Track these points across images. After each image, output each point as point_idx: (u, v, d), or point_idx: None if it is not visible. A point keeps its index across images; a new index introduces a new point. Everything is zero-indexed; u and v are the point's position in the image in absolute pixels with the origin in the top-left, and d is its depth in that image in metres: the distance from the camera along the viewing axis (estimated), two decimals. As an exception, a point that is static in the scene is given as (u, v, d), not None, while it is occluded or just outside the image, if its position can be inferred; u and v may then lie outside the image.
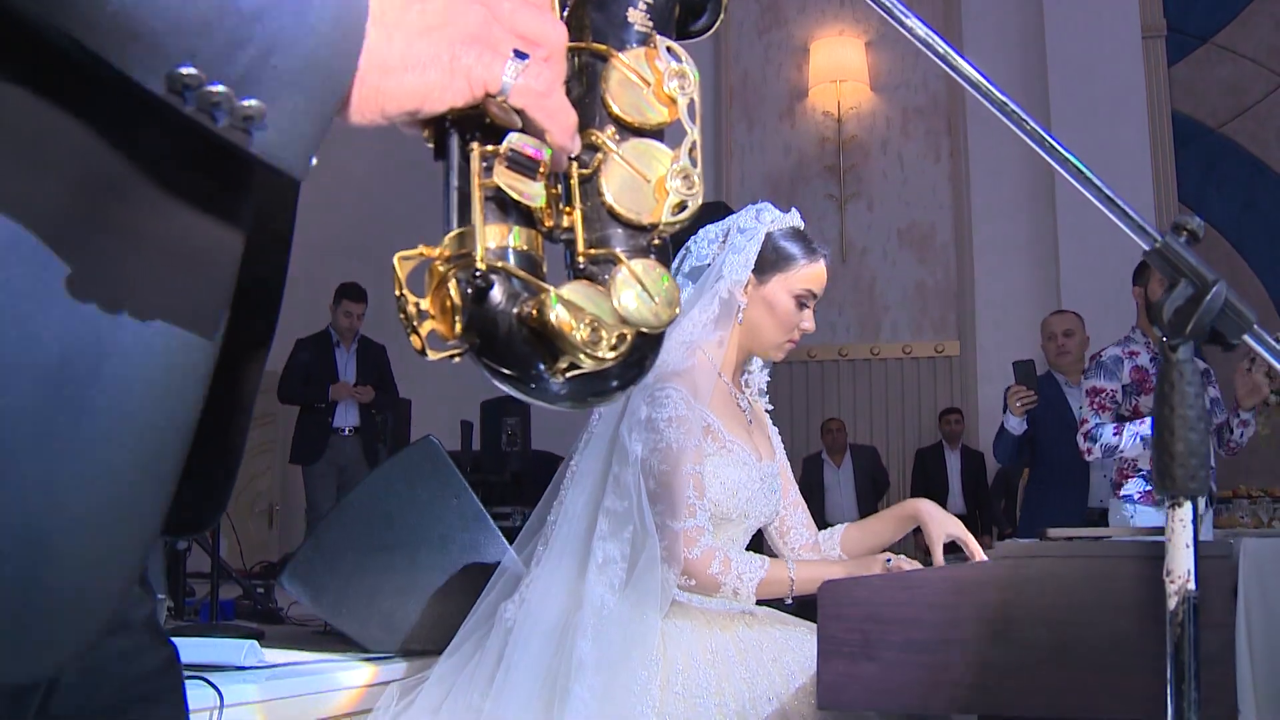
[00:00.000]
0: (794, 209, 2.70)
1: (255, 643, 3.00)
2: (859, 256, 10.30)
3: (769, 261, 2.58)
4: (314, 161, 0.72)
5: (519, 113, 0.80)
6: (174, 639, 1.04)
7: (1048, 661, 1.72)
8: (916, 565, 2.22)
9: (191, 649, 2.95)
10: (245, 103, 0.67)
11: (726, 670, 2.21)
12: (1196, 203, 9.99)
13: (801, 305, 2.58)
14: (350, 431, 7.82)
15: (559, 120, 0.81)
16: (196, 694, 2.63)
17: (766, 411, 2.79)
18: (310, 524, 7.73)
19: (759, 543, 2.68)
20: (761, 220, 2.62)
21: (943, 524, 2.53)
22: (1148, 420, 4.69)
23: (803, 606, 2.33)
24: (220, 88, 0.66)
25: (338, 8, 0.71)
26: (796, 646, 2.29)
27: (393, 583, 3.21)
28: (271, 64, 0.68)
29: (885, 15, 0.99)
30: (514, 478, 7.35)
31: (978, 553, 2.48)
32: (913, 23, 1.01)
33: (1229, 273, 5.47)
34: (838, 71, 10.36)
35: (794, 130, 10.60)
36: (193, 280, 0.75)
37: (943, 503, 8.96)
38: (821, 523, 2.87)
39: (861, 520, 2.75)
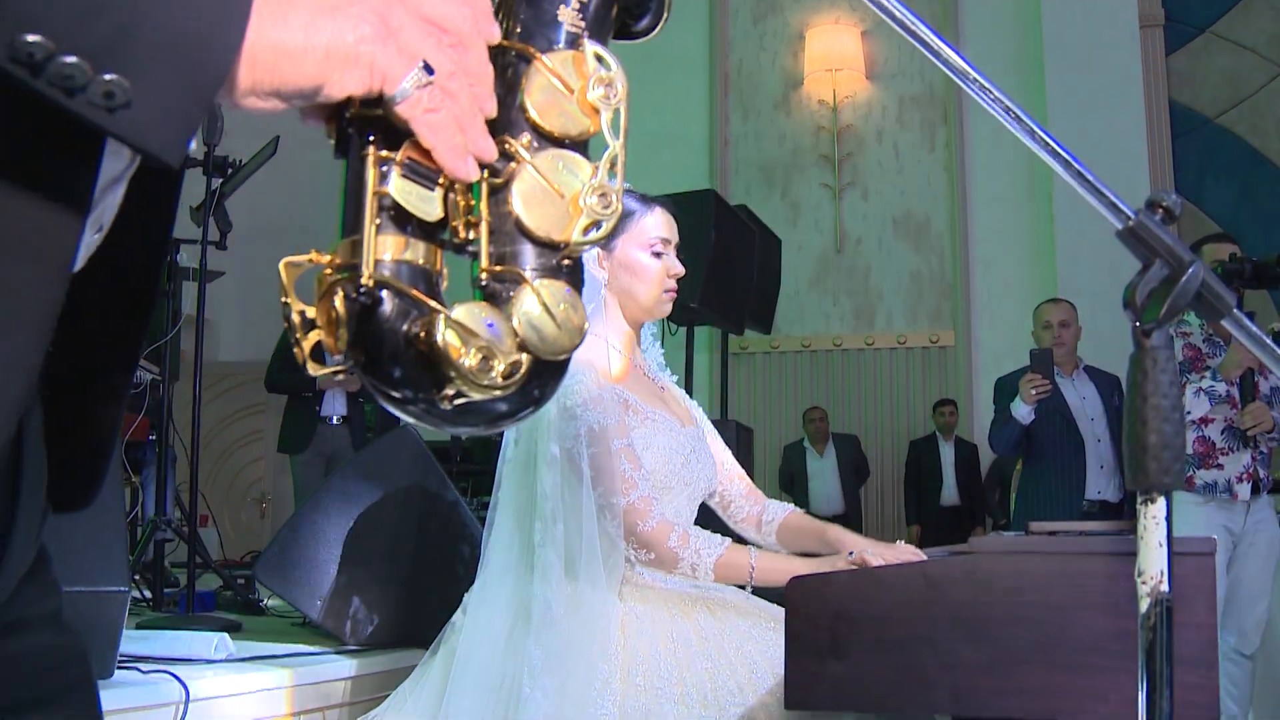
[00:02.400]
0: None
1: (226, 636, 2.96)
2: (854, 246, 10.28)
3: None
4: (192, 147, 0.65)
5: (405, 122, 0.75)
6: (146, 631, 1.00)
7: (1024, 661, 1.66)
8: (889, 558, 2.17)
9: (162, 642, 2.91)
10: (106, 78, 0.61)
11: (688, 660, 2.18)
12: (1194, 193, 9.95)
13: (657, 255, 2.54)
14: (338, 420, 7.77)
15: (446, 139, 0.76)
16: (163, 689, 2.59)
17: (673, 380, 2.76)
18: (297, 514, 7.70)
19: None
20: None
21: (857, 540, 2.48)
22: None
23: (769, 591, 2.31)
24: (73, 59, 0.60)
25: None
26: (760, 638, 2.27)
27: (368, 574, 3.17)
28: (134, 35, 0.62)
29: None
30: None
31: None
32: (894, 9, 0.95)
33: (1225, 262, 5.42)
34: (833, 60, 10.31)
35: (789, 119, 10.57)
36: (16, 271, 0.68)
37: (936, 494, 9.00)
38: (806, 509, 2.84)
39: (802, 517, 2.69)
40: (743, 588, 2.40)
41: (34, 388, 0.73)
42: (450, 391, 0.75)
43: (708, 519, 2.58)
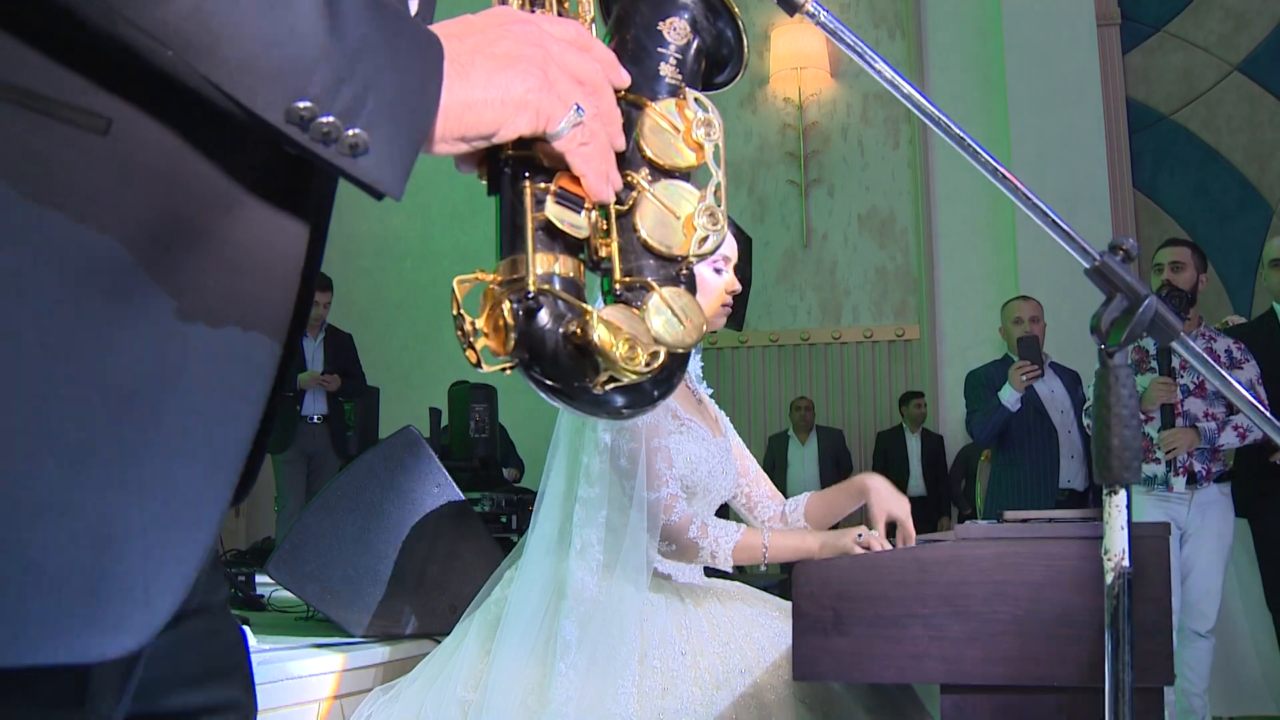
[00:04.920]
0: None
1: (247, 630, 3.09)
2: (820, 242, 10.41)
3: None
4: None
5: (562, 157, 0.92)
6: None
7: (1004, 634, 1.86)
8: (885, 544, 2.35)
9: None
10: (350, 132, 0.79)
11: (700, 645, 2.33)
12: (1150, 187, 10.17)
13: (718, 271, 2.68)
14: (318, 419, 7.86)
15: (594, 168, 0.94)
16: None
17: (708, 392, 2.91)
18: (279, 512, 7.79)
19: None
20: None
21: (886, 501, 2.67)
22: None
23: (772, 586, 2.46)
24: (331, 119, 0.78)
25: (422, 52, 0.84)
26: (767, 624, 2.42)
27: (375, 569, 3.30)
28: (371, 100, 0.80)
29: (837, 42, 1.11)
30: (482, 463, 7.40)
31: (910, 537, 2.62)
32: (882, 66, 1.12)
33: (1181, 256, 5.61)
34: (798, 59, 10.42)
35: (755, 116, 10.69)
36: (262, 284, 0.86)
37: (903, 485, 9.14)
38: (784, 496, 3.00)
39: (822, 490, 2.88)
40: (759, 568, 2.55)
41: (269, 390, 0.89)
42: (603, 378, 0.92)
43: (723, 513, 2.73)
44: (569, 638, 2.30)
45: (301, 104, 0.77)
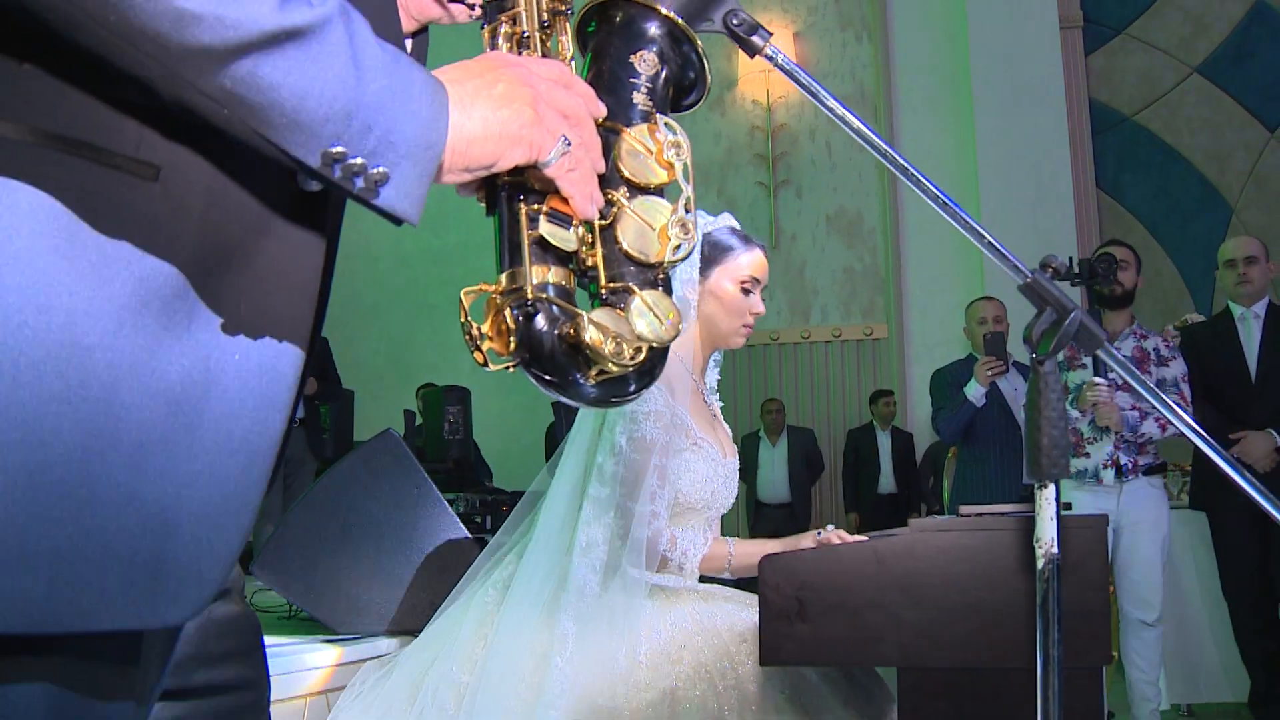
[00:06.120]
0: (725, 212, 2.89)
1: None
2: (789, 242, 10.55)
3: (709, 258, 2.77)
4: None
5: (552, 181, 1.06)
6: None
7: (956, 620, 1.98)
8: (846, 538, 2.45)
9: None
10: (375, 170, 0.94)
11: (685, 639, 2.41)
12: (1113, 187, 10.34)
13: (746, 292, 2.77)
14: (295, 422, 7.89)
15: (580, 190, 1.08)
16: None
17: (719, 405, 2.99)
18: (259, 514, 7.81)
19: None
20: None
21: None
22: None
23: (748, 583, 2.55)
24: (359, 160, 0.93)
25: (431, 98, 0.98)
26: (747, 617, 2.49)
27: (358, 568, 3.38)
28: (391, 141, 0.95)
29: (810, 96, 1.22)
30: (456, 465, 7.46)
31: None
32: (835, 105, 1.24)
33: (1144, 254, 5.73)
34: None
35: (724, 119, 10.81)
36: (287, 301, 1.00)
37: (874, 483, 9.21)
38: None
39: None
40: (724, 577, 2.63)
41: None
42: (594, 371, 1.06)
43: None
44: (567, 632, 2.38)
45: (335, 148, 0.92)
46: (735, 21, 1.19)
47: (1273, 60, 10.11)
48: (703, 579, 2.64)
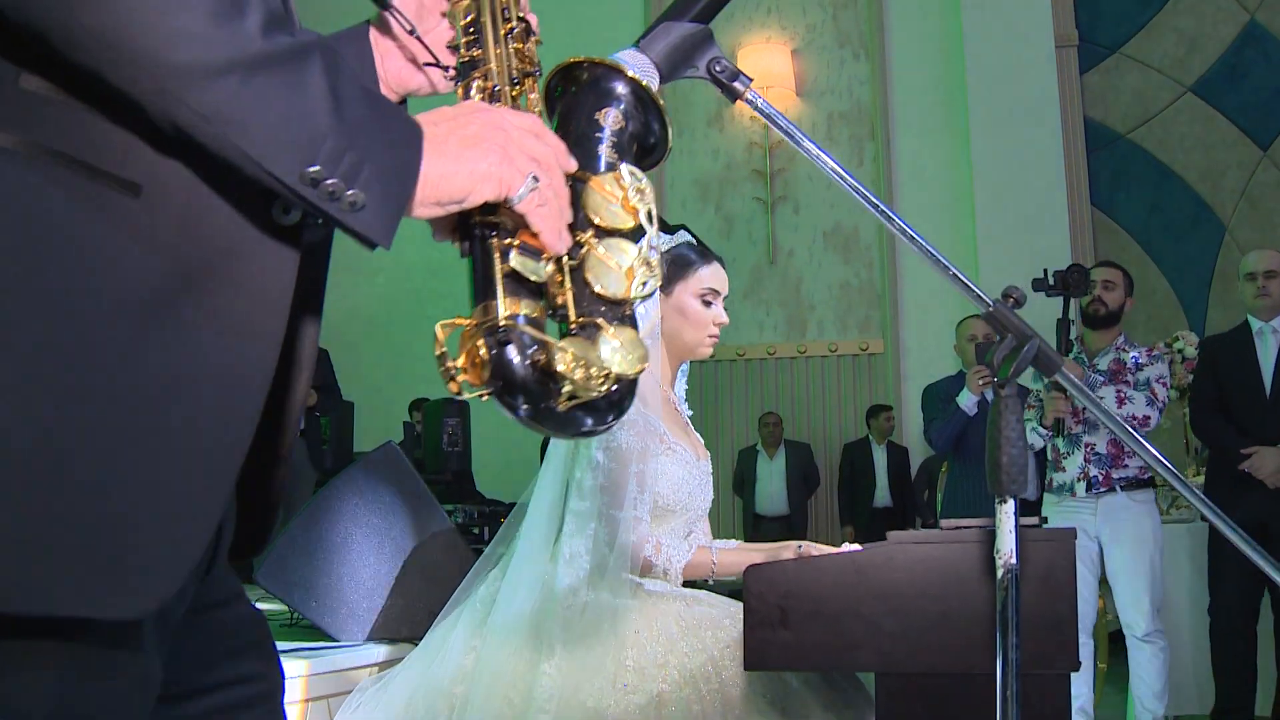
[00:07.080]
0: (681, 229, 2.96)
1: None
2: (786, 258, 10.61)
3: (668, 276, 2.84)
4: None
5: (522, 217, 1.13)
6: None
7: (931, 627, 2.06)
8: (825, 550, 2.53)
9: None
10: (350, 192, 1.01)
11: (670, 645, 2.47)
12: (1108, 205, 10.43)
13: (708, 304, 2.84)
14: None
15: (549, 225, 1.15)
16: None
17: (689, 414, 3.06)
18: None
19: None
20: None
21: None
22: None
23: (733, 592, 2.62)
24: (335, 180, 1.00)
25: (406, 131, 1.06)
26: (731, 624, 2.55)
27: (359, 577, 3.45)
28: (366, 166, 1.02)
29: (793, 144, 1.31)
30: (455, 477, 7.51)
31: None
32: (811, 146, 1.32)
33: (1137, 271, 5.79)
34: (764, 77, 10.52)
35: (722, 135, 10.88)
36: (261, 314, 1.07)
37: (869, 497, 9.24)
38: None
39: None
40: (708, 582, 2.71)
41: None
42: (565, 397, 1.11)
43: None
44: (554, 641, 2.45)
45: (312, 169, 0.99)
46: (718, 69, 1.27)
47: (1265, 80, 10.20)
48: (687, 584, 2.71)
